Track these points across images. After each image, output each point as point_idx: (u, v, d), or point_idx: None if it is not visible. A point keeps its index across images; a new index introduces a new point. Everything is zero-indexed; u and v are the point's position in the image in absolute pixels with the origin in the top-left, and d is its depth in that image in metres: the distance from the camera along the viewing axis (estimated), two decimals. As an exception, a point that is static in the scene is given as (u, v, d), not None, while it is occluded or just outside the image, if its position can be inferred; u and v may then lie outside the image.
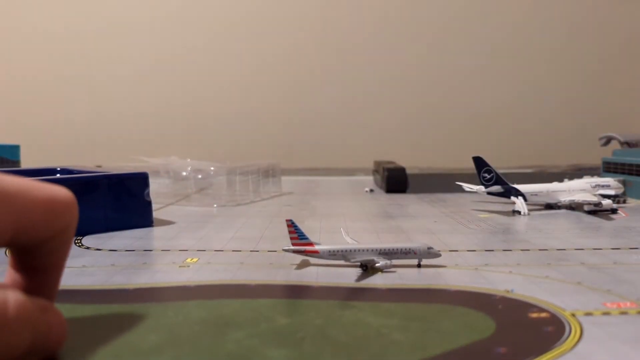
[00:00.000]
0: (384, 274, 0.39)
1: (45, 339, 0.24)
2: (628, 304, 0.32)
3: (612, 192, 0.72)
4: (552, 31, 1.42)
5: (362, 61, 1.41)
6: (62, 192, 0.26)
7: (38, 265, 0.26)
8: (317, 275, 0.39)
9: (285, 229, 0.42)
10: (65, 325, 0.25)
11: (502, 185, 0.69)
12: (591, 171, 0.88)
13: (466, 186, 0.73)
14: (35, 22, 1.37)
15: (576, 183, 0.73)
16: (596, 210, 0.66)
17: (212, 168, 0.79)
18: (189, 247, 0.48)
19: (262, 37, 1.39)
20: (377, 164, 1.01)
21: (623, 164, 0.83)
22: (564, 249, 0.47)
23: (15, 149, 0.94)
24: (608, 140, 1.01)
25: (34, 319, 0.23)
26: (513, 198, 0.69)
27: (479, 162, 0.70)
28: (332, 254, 0.41)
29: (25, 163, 0.94)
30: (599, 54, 1.43)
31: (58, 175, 0.64)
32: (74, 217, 0.27)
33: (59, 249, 0.27)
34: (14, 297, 0.23)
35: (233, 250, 0.47)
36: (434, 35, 1.41)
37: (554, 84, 1.42)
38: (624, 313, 0.31)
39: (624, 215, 0.66)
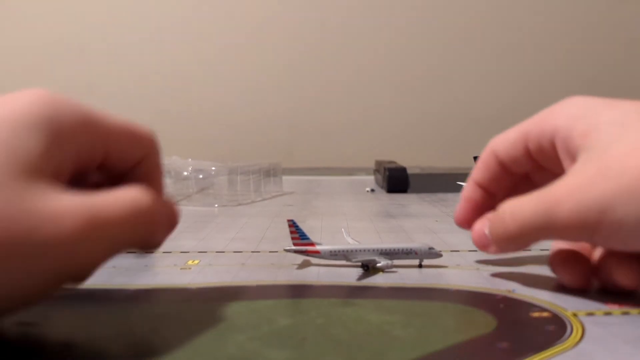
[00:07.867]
0: (385, 274, 0.39)
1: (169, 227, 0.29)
2: (630, 303, 0.32)
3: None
4: (553, 32, 1.42)
5: (363, 60, 1.41)
6: (139, 124, 0.30)
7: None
8: (319, 275, 0.39)
9: (287, 229, 0.42)
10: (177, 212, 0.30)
11: (503, 184, 0.69)
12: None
13: (467, 186, 0.73)
14: (35, 22, 1.37)
15: None
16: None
17: (213, 168, 0.79)
18: (190, 249, 0.48)
19: (263, 37, 1.39)
20: (378, 163, 1.01)
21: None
22: (566, 249, 0.47)
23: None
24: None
25: (164, 209, 0.28)
26: (514, 197, 0.69)
27: (480, 161, 0.70)
28: (334, 254, 0.41)
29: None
30: (599, 53, 1.43)
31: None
32: (156, 142, 0.30)
33: (151, 172, 0.30)
34: (145, 192, 0.26)
35: (234, 252, 0.47)
36: (435, 35, 1.41)
37: (555, 83, 1.42)
38: (625, 313, 0.31)
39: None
